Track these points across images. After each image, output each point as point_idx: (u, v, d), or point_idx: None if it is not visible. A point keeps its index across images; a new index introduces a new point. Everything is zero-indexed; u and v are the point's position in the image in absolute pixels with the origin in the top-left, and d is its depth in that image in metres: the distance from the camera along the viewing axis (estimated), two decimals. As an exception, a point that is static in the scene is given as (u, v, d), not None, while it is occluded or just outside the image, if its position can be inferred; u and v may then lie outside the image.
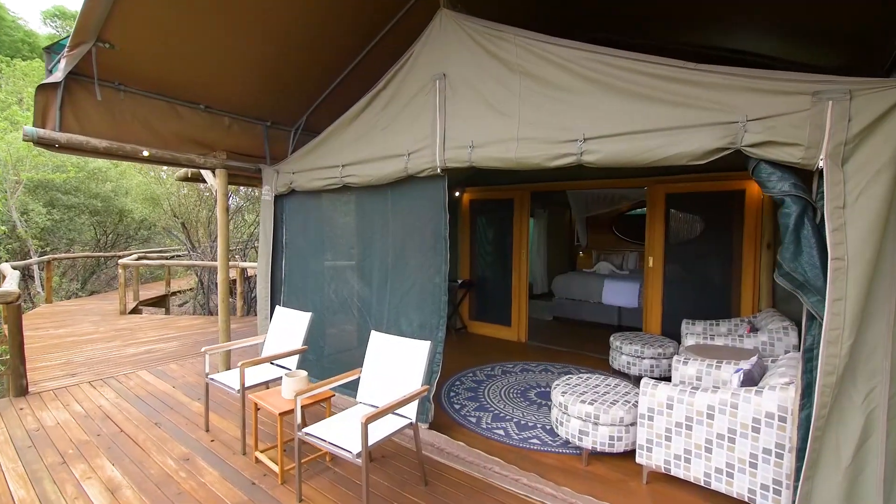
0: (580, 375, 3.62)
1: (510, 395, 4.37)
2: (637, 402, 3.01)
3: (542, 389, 4.49)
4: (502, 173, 6.48)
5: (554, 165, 2.77)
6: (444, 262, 3.50)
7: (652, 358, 4.54)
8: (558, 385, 3.43)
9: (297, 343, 3.67)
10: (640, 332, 5.09)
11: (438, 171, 3.38)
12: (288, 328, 3.82)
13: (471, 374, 4.93)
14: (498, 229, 6.73)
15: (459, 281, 6.64)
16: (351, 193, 4.20)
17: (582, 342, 6.34)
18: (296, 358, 3.61)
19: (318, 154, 4.34)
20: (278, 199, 4.88)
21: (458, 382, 4.69)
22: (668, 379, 4.61)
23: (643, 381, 2.85)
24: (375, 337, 3.20)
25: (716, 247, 5.02)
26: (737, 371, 2.82)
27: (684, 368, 3.36)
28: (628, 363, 4.65)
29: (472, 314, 6.89)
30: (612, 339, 4.93)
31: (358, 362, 3.23)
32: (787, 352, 3.66)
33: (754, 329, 4.14)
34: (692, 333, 4.65)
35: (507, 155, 2.96)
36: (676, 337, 4.96)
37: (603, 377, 3.58)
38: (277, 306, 4.09)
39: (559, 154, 2.73)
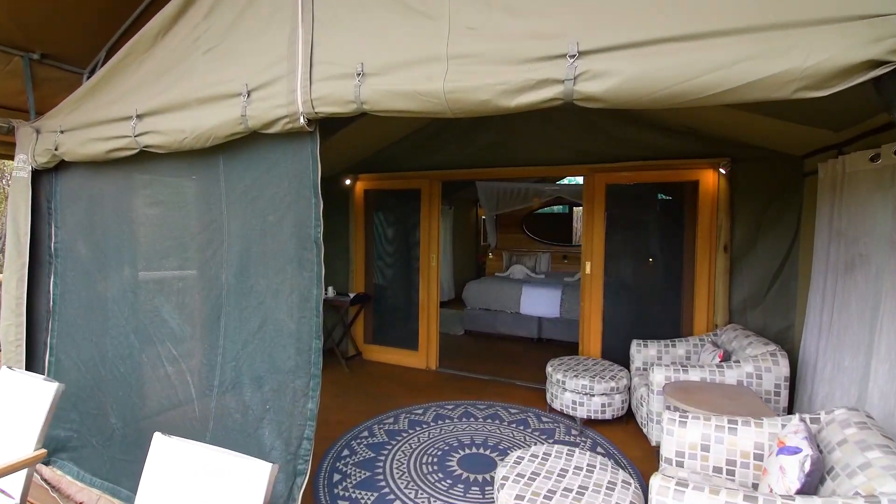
0: (530, 454, 2.39)
1: (423, 467, 3.02)
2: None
3: (468, 452, 3.22)
4: (409, 156, 5.15)
5: (519, 104, 1.47)
6: (317, 281, 2.03)
7: (604, 394, 3.51)
8: (506, 479, 2.15)
9: (28, 441, 1.92)
10: (577, 357, 4.07)
11: (301, 121, 1.89)
12: (13, 412, 2.04)
13: (365, 433, 3.48)
14: (401, 228, 5.35)
15: (352, 295, 5.13)
16: (156, 164, 2.50)
17: (503, 364, 5.23)
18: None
19: (98, 100, 2.57)
20: (41, 175, 2.97)
21: (345, 451, 3.22)
22: (621, 420, 3.63)
23: (654, 483, 1.68)
24: (162, 447, 1.61)
25: (666, 249, 4.19)
26: (793, 453, 1.77)
27: (682, 432, 2.28)
28: (574, 402, 3.58)
29: (369, 336, 5.42)
30: (549, 369, 3.83)
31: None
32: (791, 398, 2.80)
33: (727, 355, 3.29)
34: (645, 358, 3.72)
35: (428, 87, 1.59)
36: (621, 360, 4.03)
37: (564, 454, 2.39)
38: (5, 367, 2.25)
39: (530, 82, 1.43)
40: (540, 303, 6.25)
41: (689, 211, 4.03)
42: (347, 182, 5.29)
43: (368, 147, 5.01)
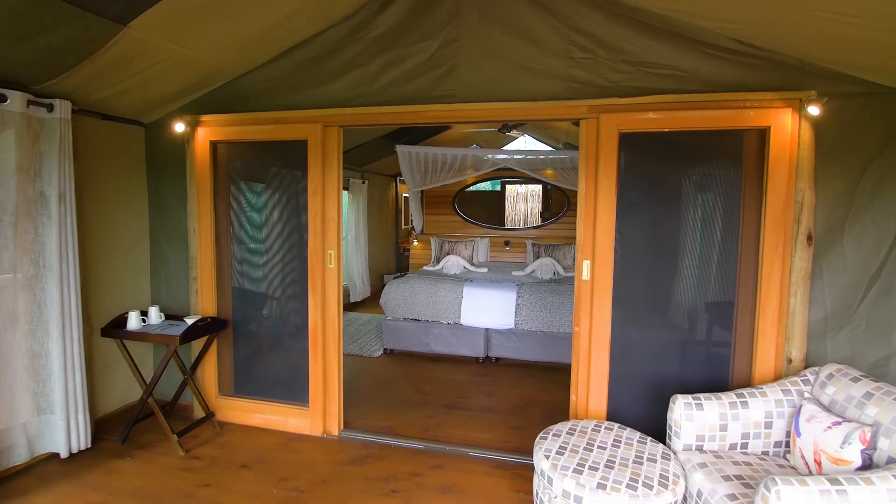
0: None
1: None
2: None
3: None
4: (287, 85, 3.07)
5: None
6: None
7: (650, 518, 1.87)
8: None
9: None
10: (575, 425, 2.40)
11: None
12: None
13: None
14: (278, 206, 3.31)
15: (191, 320, 3.01)
16: None
17: (446, 411, 3.48)
18: None
19: None
20: None
21: None
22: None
23: None
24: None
25: (712, 241, 2.64)
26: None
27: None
28: (594, 532, 1.90)
29: (227, 385, 3.34)
30: (541, 460, 2.11)
31: None
32: None
33: (873, 441, 1.78)
34: (700, 428, 2.14)
35: None
36: (645, 426, 2.46)
37: None
38: None
39: None
40: (488, 309, 4.56)
41: (750, 179, 2.50)
42: (180, 128, 3.11)
43: (216, 68, 2.89)
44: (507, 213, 10.52)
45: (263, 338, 3.37)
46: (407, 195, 8.05)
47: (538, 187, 10.43)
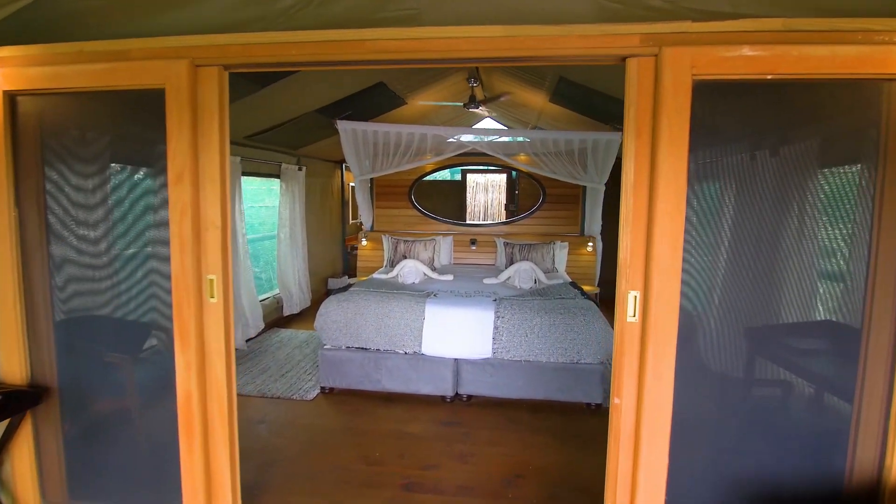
0: None
1: None
2: None
3: None
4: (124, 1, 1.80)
5: None
6: None
7: None
8: None
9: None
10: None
11: None
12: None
13: None
14: (124, 204, 2.05)
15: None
16: None
17: (406, 499, 2.40)
18: None
19: None
20: None
21: None
22: None
23: None
24: None
25: (831, 253, 1.68)
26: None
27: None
28: None
29: (55, 488, 2.07)
30: None
31: None
32: None
33: None
34: None
35: None
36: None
37: None
38: None
39: None
40: (457, 334, 3.51)
41: (895, 156, 1.56)
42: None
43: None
44: (467, 205, 9.51)
45: (112, 413, 2.13)
46: (354, 184, 6.84)
47: (502, 176, 9.48)
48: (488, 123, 7.93)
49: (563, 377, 3.42)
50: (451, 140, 4.93)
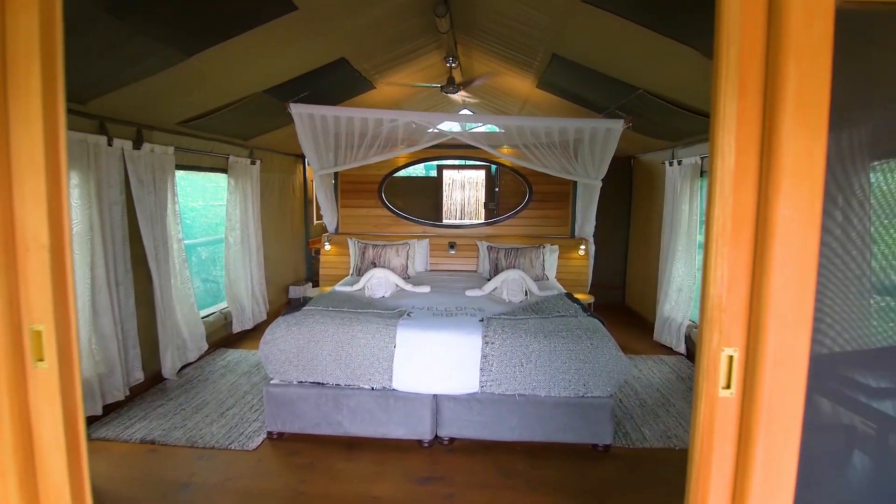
0: None
1: None
2: None
3: None
4: None
5: None
6: None
7: None
8: None
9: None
10: None
11: None
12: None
13: None
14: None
15: None
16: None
17: None
18: None
19: None
20: None
21: None
22: None
23: None
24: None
25: None
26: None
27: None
28: None
29: None
30: None
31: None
32: None
33: None
34: None
35: None
36: None
37: None
38: None
39: None
40: (437, 364, 2.84)
41: None
42: None
43: None
44: (443, 204, 8.84)
45: None
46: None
47: (480, 173, 8.84)
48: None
49: (566, 414, 2.80)
50: (430, 130, 4.26)
